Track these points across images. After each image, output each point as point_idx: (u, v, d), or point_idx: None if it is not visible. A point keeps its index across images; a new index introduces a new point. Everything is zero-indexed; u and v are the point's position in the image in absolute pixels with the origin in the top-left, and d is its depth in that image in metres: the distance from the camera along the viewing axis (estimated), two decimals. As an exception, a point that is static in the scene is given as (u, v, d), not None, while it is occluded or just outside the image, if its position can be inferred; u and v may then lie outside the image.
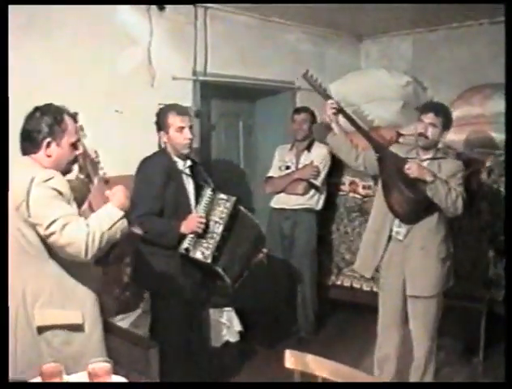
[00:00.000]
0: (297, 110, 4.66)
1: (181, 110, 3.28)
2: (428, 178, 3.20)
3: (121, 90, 3.96)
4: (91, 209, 2.25)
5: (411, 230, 3.38)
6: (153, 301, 3.44)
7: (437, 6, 4.44)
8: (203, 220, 3.16)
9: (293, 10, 4.71)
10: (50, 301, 2.18)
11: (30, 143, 2.23)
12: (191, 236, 3.15)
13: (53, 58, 3.59)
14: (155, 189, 3.15)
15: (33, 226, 2.09)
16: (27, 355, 2.14)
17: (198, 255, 3.15)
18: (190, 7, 4.42)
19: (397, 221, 3.41)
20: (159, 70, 4.22)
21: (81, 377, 1.87)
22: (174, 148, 3.25)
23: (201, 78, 4.56)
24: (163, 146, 3.30)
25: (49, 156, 2.22)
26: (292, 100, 5.31)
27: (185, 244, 3.15)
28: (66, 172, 2.31)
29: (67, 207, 2.13)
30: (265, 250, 3.43)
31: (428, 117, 3.33)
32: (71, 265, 2.17)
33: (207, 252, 3.15)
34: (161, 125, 3.26)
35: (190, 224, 3.15)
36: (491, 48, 4.81)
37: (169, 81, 4.31)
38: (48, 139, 2.22)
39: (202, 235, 3.16)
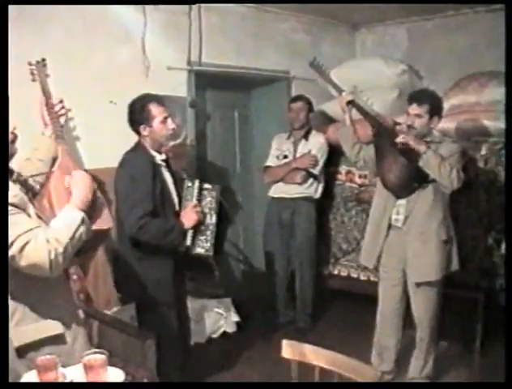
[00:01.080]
0: (294, 99, 4.63)
1: (159, 100, 3.07)
2: (422, 149, 3.20)
3: (115, 81, 3.92)
4: (51, 206, 2.05)
5: (410, 216, 3.36)
6: (138, 306, 3.24)
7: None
8: (200, 209, 3.09)
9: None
10: (26, 317, 2.02)
11: None
12: (191, 233, 3.06)
13: (46, 50, 3.54)
14: (147, 187, 2.94)
15: None
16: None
17: (199, 250, 3.09)
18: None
19: (395, 209, 3.40)
20: (153, 61, 4.19)
21: (77, 369, 1.86)
22: (155, 141, 3.05)
23: (196, 68, 4.53)
24: (142, 140, 3.07)
25: None
26: (288, 90, 5.29)
27: (188, 242, 3.05)
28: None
29: (23, 221, 1.89)
30: None
31: (413, 109, 3.32)
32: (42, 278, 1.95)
33: (207, 245, 3.09)
34: (140, 118, 3.02)
35: (190, 216, 3.05)
36: (487, 36, 4.79)
37: (164, 71, 4.28)
38: None
39: (197, 229, 3.08)
